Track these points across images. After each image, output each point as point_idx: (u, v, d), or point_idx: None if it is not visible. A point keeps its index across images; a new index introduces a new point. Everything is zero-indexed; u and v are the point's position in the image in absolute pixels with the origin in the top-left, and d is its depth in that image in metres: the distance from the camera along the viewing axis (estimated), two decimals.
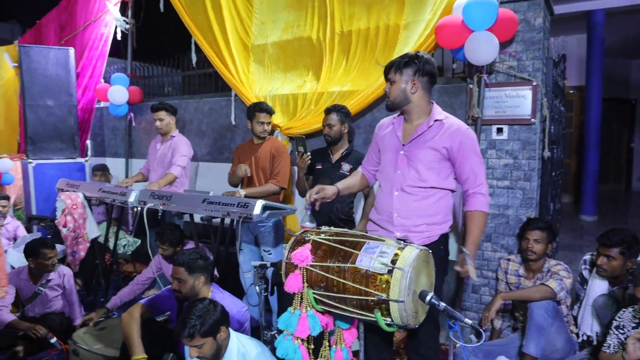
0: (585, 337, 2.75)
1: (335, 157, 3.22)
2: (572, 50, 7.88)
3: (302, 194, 3.30)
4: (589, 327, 2.74)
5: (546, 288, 2.60)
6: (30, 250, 3.18)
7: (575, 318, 2.88)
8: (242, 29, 4.49)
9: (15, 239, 4.52)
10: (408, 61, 2.11)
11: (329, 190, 2.27)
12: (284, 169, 3.35)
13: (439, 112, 2.17)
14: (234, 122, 4.67)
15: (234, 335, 2.19)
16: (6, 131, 7.19)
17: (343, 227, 2.89)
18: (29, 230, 4.70)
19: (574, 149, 8.58)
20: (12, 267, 3.57)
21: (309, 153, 3.14)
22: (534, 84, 3.02)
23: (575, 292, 3.00)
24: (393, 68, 2.14)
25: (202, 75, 5.51)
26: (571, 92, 8.43)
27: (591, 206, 7.03)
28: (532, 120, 3.04)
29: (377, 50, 3.70)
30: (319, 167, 3.24)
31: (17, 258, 3.60)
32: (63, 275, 3.33)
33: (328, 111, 3.19)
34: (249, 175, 3.36)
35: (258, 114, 3.38)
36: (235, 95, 4.56)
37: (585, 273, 2.91)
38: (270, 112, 3.42)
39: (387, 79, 2.19)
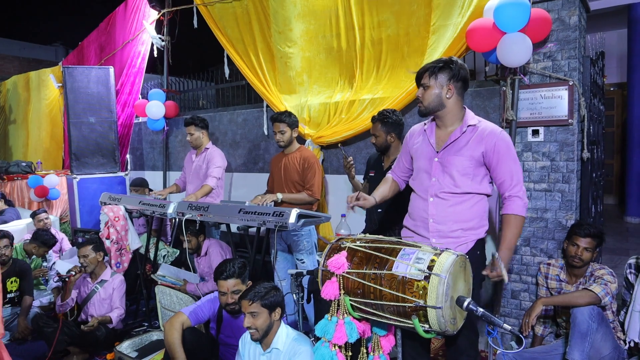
0: (632, 344, 2.65)
1: (386, 164, 3.13)
2: (612, 46, 7.61)
3: None
4: (637, 333, 2.63)
5: (590, 293, 2.52)
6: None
7: (622, 324, 2.77)
8: (267, 40, 4.52)
9: (60, 250, 4.73)
10: (443, 66, 2.09)
11: (369, 200, 2.29)
12: (316, 181, 3.36)
13: (471, 117, 2.15)
14: (266, 133, 4.75)
15: (285, 326, 2.24)
16: (52, 148, 7.53)
17: (393, 232, 2.88)
18: (74, 243, 4.90)
19: (617, 149, 8.26)
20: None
21: (350, 158, 3.18)
22: (570, 83, 2.95)
23: (621, 297, 2.89)
24: (427, 73, 2.12)
25: (235, 88, 5.63)
26: (611, 89, 8.14)
27: (636, 207, 6.77)
28: (570, 120, 2.97)
29: (408, 56, 3.69)
30: (372, 174, 3.22)
31: (64, 269, 3.76)
32: (114, 279, 3.52)
33: (374, 120, 3.12)
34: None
35: (273, 124, 3.44)
36: (267, 106, 4.63)
37: (631, 277, 2.80)
38: (280, 120, 3.38)
39: (419, 84, 2.16)
